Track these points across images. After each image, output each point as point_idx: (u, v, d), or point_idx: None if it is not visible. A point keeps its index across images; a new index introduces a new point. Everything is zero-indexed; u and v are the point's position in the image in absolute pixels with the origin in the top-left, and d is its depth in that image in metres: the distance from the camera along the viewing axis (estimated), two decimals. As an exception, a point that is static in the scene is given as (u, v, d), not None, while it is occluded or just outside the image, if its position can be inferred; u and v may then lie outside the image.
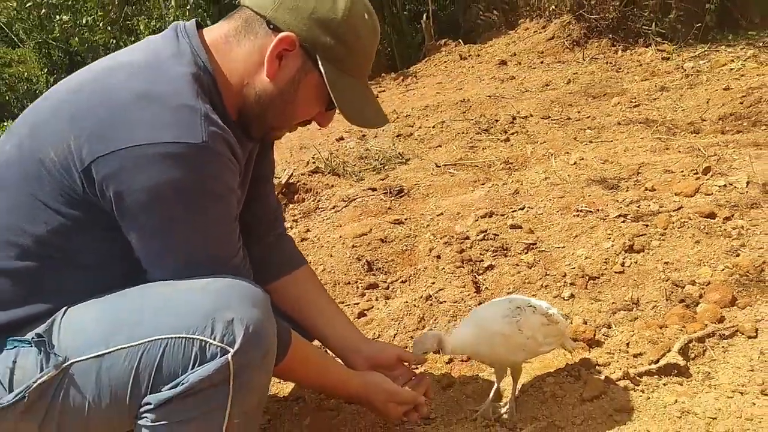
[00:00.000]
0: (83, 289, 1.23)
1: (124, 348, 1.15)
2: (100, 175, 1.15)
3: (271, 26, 1.27)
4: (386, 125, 1.57)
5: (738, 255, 2.13)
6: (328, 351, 1.67)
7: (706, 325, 1.85)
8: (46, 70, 15.65)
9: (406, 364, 1.66)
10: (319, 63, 1.28)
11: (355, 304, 2.23)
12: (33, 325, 1.21)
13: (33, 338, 1.18)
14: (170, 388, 1.14)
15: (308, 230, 2.88)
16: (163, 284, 1.22)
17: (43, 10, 7.25)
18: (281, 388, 1.89)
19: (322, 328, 1.64)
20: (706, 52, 4.97)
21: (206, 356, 1.14)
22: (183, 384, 1.13)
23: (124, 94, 1.18)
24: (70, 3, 7.02)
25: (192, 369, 1.14)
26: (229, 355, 1.14)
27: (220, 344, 1.14)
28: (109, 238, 1.22)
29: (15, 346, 1.19)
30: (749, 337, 1.80)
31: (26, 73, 16.06)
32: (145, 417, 1.16)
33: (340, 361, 1.63)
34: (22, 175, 1.21)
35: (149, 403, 1.15)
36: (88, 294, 1.23)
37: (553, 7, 6.15)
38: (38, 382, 1.15)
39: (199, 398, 1.14)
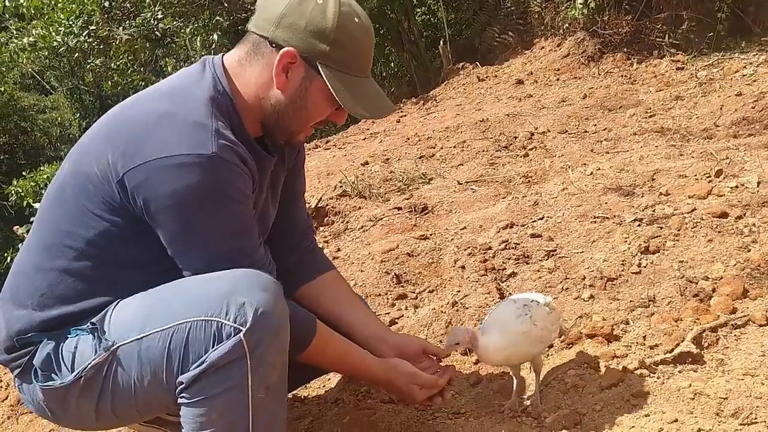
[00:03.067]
0: (132, 284, 1.44)
1: (158, 331, 1.35)
2: (131, 185, 1.36)
3: (274, 45, 1.46)
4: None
5: (749, 251, 2.23)
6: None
7: (719, 316, 1.95)
8: (78, 114, 16.20)
9: (432, 357, 1.79)
10: (320, 69, 1.45)
11: (386, 313, 2.37)
12: (92, 316, 1.42)
13: (89, 326, 1.40)
14: (196, 367, 1.32)
15: (339, 249, 3.03)
16: (191, 277, 1.42)
17: (76, 54, 7.57)
18: (321, 392, 2.03)
19: (350, 323, 1.77)
20: (719, 60, 5.06)
21: (222, 336, 1.32)
22: (205, 362, 1.32)
23: (151, 114, 1.41)
24: (102, 47, 7.36)
25: (212, 348, 1.32)
26: (242, 334, 1.31)
27: (233, 324, 1.32)
28: (147, 240, 1.42)
29: (77, 334, 1.42)
30: (761, 326, 1.90)
31: (59, 119, 16.65)
32: (183, 396, 1.35)
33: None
34: (75, 189, 1.44)
35: (182, 383, 1.34)
36: (137, 289, 1.43)
37: (567, 25, 6.29)
38: (92, 363, 1.37)
39: (221, 374, 1.32)
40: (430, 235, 2.90)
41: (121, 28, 6.88)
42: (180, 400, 1.36)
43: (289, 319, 1.40)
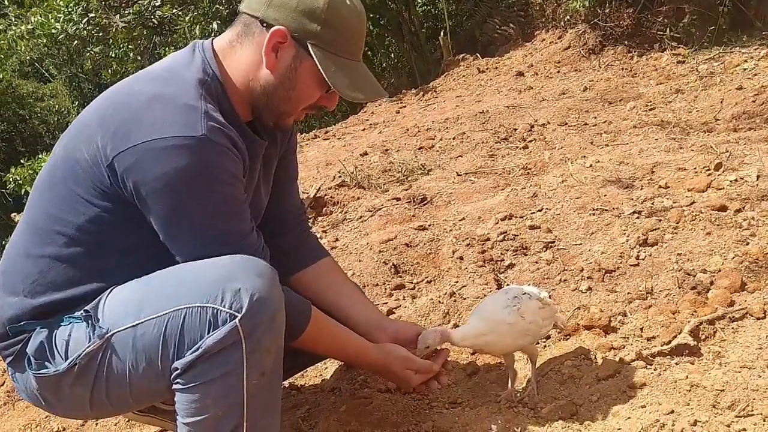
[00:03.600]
0: (124, 271, 1.43)
1: (153, 318, 1.34)
2: (121, 168, 1.35)
3: (264, 24, 1.45)
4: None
5: (748, 244, 2.23)
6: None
7: (716, 308, 1.95)
8: (77, 102, 16.16)
9: None
10: (310, 49, 1.44)
11: (383, 303, 2.37)
12: (85, 303, 1.41)
13: (82, 314, 1.39)
14: (192, 353, 1.31)
15: (337, 239, 3.03)
16: (184, 264, 1.41)
17: (75, 42, 7.52)
18: (318, 380, 2.03)
19: (346, 309, 1.77)
20: (720, 54, 5.05)
21: (218, 322, 1.31)
22: (201, 348, 1.31)
23: (141, 96, 1.39)
24: (101, 35, 7.31)
25: (208, 334, 1.31)
26: (237, 320, 1.31)
27: (229, 311, 1.31)
28: (138, 225, 1.41)
29: (70, 322, 1.41)
30: (758, 319, 1.90)
31: (57, 106, 16.62)
32: (178, 382, 1.34)
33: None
34: (64, 173, 1.43)
35: (177, 369, 1.33)
36: (130, 275, 1.42)
37: (568, 17, 6.27)
38: (86, 351, 1.36)
39: (217, 360, 1.31)
40: (429, 225, 2.89)
41: (117, 15, 6.84)
42: (174, 386, 1.35)
43: (284, 304, 1.39)
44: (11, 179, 8.37)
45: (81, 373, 1.38)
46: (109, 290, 1.42)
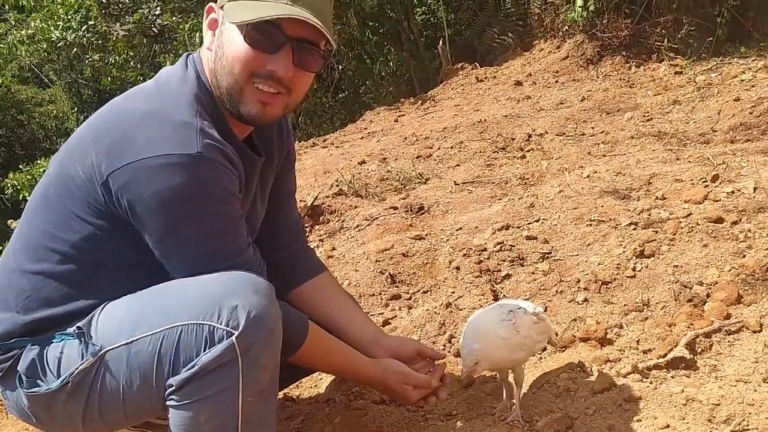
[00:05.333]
0: (118, 287, 1.41)
1: (148, 335, 1.32)
2: (115, 186, 1.33)
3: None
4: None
5: (744, 256, 2.23)
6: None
7: (712, 321, 1.94)
8: (75, 108, 16.19)
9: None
10: (225, 6, 1.41)
11: (379, 313, 2.36)
12: (77, 320, 1.39)
13: (75, 331, 1.37)
14: (187, 370, 1.30)
15: (334, 248, 3.02)
16: (181, 280, 1.39)
17: (75, 50, 7.54)
18: (313, 392, 2.03)
19: (344, 324, 1.75)
20: (718, 65, 5.06)
21: (215, 339, 1.29)
22: (196, 365, 1.29)
23: (135, 113, 1.38)
24: (101, 42, 7.32)
25: (204, 351, 1.29)
26: (234, 337, 1.29)
27: (225, 328, 1.29)
28: (132, 243, 1.39)
29: (62, 339, 1.39)
30: (754, 332, 1.89)
31: (56, 112, 16.64)
32: (171, 399, 1.32)
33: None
34: (59, 190, 1.42)
35: (172, 385, 1.31)
36: (123, 292, 1.40)
37: (567, 27, 6.29)
38: (79, 368, 1.34)
39: (213, 377, 1.30)
40: (426, 235, 2.89)
41: (118, 24, 6.84)
42: (168, 403, 1.33)
43: (281, 320, 1.38)
44: (9, 184, 8.36)
45: (73, 390, 1.36)
46: (101, 307, 1.41)
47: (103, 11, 7.01)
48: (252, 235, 1.56)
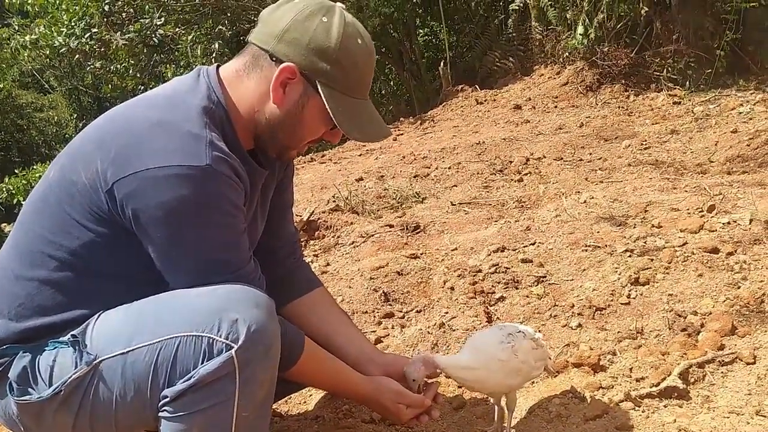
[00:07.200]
0: (115, 296, 1.39)
1: (145, 346, 1.30)
2: (120, 194, 1.32)
3: (274, 59, 1.44)
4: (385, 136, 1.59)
5: (739, 287, 2.22)
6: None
7: (706, 352, 1.94)
8: (75, 115, 16.20)
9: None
10: (319, 87, 1.43)
11: (372, 332, 2.35)
12: (72, 328, 1.37)
13: (69, 339, 1.34)
14: (183, 382, 1.28)
15: (328, 264, 3.01)
16: (180, 290, 1.37)
17: (77, 56, 7.54)
18: (302, 408, 2.00)
19: (338, 341, 1.74)
20: (716, 97, 5.09)
21: (213, 352, 1.28)
22: (193, 377, 1.27)
23: (143, 122, 1.37)
24: (102, 50, 7.33)
25: (202, 364, 1.27)
26: (233, 351, 1.27)
27: (225, 341, 1.28)
28: (132, 252, 1.37)
29: (55, 347, 1.36)
30: (748, 364, 1.89)
31: (56, 118, 16.64)
32: (165, 410, 1.30)
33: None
34: (59, 195, 1.40)
35: (166, 396, 1.29)
36: (120, 301, 1.38)
37: (567, 54, 6.34)
38: (72, 377, 1.31)
39: (209, 390, 1.28)
40: (421, 254, 2.88)
41: (119, 33, 6.86)
42: (161, 414, 1.31)
43: (280, 336, 1.37)
44: (4, 189, 8.32)
45: (65, 400, 1.33)
46: (97, 315, 1.38)
47: (105, 20, 7.03)
48: (251, 248, 1.56)
